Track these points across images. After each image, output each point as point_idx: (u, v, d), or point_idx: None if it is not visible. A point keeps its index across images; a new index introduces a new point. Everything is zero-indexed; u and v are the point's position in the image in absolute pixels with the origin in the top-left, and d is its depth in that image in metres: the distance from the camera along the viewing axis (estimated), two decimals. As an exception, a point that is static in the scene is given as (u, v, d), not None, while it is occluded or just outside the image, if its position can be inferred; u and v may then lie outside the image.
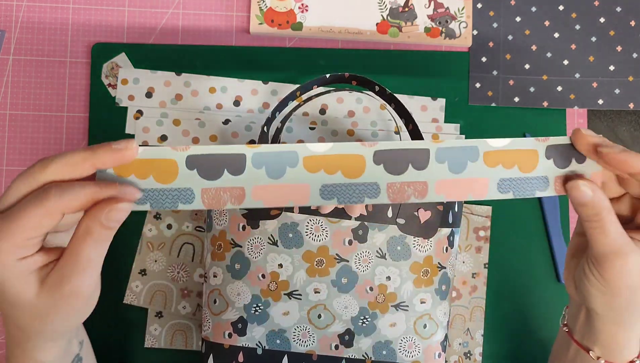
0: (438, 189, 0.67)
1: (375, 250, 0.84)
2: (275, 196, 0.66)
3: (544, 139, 0.69)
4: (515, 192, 0.69)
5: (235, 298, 0.85)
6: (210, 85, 1.03)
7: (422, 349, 0.87)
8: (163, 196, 0.66)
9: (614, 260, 0.69)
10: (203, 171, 0.66)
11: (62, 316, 0.66)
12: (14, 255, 0.62)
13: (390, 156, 0.66)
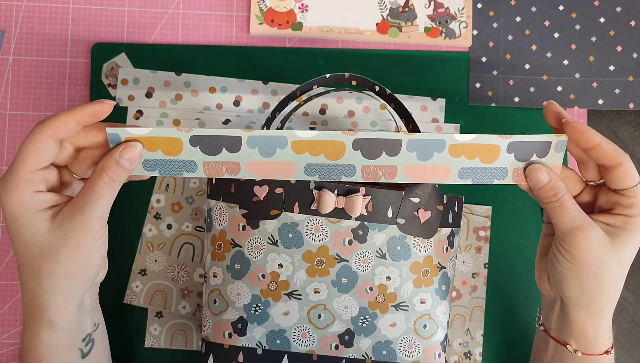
0: (405, 172, 0.76)
1: (375, 250, 0.84)
2: (266, 170, 0.75)
3: (507, 136, 0.75)
4: (474, 179, 0.78)
5: (235, 298, 0.85)
6: (210, 85, 1.03)
7: (422, 349, 0.87)
8: (170, 165, 0.75)
9: (578, 234, 0.76)
10: (205, 148, 0.74)
11: (72, 253, 0.72)
12: (27, 188, 0.70)
13: (367, 143, 0.74)
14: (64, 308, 0.75)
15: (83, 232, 0.71)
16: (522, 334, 1.03)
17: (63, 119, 0.71)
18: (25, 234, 0.72)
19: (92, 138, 0.74)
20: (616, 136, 1.09)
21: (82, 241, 0.72)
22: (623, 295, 1.07)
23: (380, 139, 0.74)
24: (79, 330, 0.79)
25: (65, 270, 0.73)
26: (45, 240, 0.72)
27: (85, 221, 0.71)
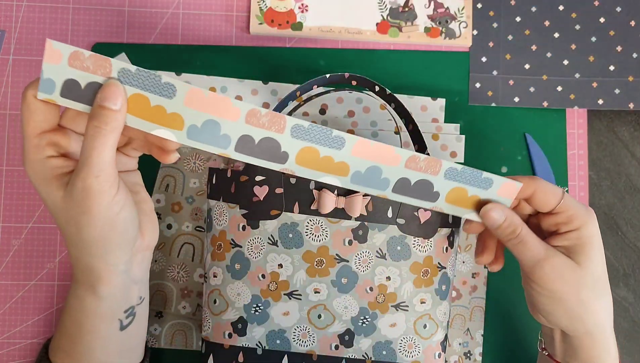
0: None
1: (375, 250, 0.84)
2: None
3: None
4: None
5: (235, 298, 0.85)
6: (210, 85, 1.03)
7: (422, 349, 0.87)
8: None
9: (544, 265, 0.77)
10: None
11: (89, 219, 0.69)
12: (37, 154, 0.69)
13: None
14: (107, 276, 0.74)
15: (88, 195, 0.68)
16: (522, 334, 1.03)
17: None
18: (47, 203, 0.71)
19: None
20: (616, 136, 1.09)
21: (93, 204, 0.68)
22: (623, 295, 1.07)
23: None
24: (124, 301, 0.78)
25: (92, 237, 0.71)
26: (62, 208, 0.70)
27: (85, 183, 0.68)
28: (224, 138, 0.71)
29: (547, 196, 0.79)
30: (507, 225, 0.78)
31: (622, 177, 1.08)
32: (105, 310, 0.77)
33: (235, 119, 0.71)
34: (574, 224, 0.79)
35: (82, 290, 0.76)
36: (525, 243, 0.78)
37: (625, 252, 1.08)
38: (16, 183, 1.01)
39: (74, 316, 0.77)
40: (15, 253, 1.00)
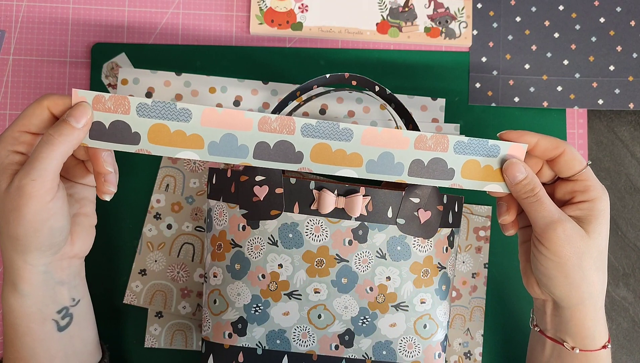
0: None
1: (375, 250, 0.84)
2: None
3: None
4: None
5: (235, 298, 0.85)
6: (210, 85, 1.03)
7: (422, 349, 0.87)
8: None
9: (556, 228, 0.78)
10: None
11: (16, 216, 0.72)
12: (8, 144, 0.74)
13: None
14: (26, 273, 0.76)
15: (23, 196, 0.71)
16: (522, 334, 1.03)
17: (62, 100, 0.74)
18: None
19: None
20: (616, 136, 1.09)
21: (23, 204, 0.71)
22: (623, 295, 1.07)
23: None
24: (51, 301, 0.80)
25: (15, 233, 0.73)
26: (2, 198, 0.73)
27: (21, 183, 0.71)
28: (242, 148, 0.78)
29: (574, 161, 0.81)
30: (527, 182, 0.80)
31: (622, 177, 1.08)
32: (31, 309, 0.78)
33: (249, 129, 0.78)
34: (590, 195, 0.80)
35: (7, 290, 0.78)
36: (542, 202, 0.79)
37: (625, 252, 1.08)
38: (16, 183, 1.01)
39: (7, 319, 0.79)
40: (15, 253, 1.00)
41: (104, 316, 0.99)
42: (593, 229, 0.79)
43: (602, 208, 0.80)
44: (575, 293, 0.81)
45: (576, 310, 0.83)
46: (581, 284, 0.80)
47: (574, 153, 0.81)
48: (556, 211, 0.79)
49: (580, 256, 0.79)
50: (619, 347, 1.07)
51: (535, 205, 0.80)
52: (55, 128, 0.72)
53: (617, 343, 1.07)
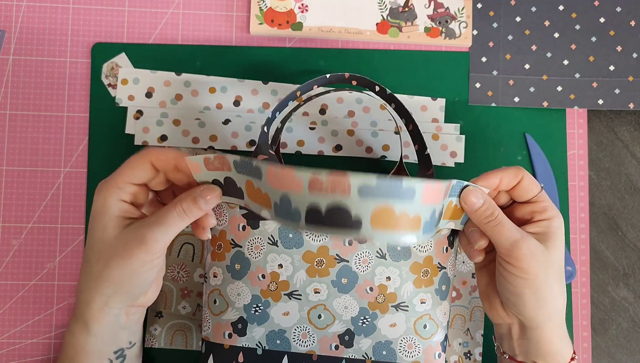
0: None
1: (376, 251, 0.84)
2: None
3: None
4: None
5: (235, 298, 0.85)
6: (210, 85, 1.03)
7: (422, 349, 0.87)
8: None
9: (521, 246, 0.80)
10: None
11: (122, 262, 0.77)
12: (114, 194, 0.79)
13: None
14: (100, 314, 0.80)
15: (139, 246, 0.76)
16: (522, 334, 1.03)
17: (166, 156, 0.80)
18: (97, 232, 0.79)
19: (180, 179, 0.82)
20: (616, 136, 1.09)
21: (135, 254, 0.76)
22: (623, 295, 1.07)
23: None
24: (112, 342, 0.83)
25: (111, 276, 0.78)
26: (109, 243, 0.78)
27: (144, 237, 0.77)
28: (295, 212, 0.70)
29: (532, 185, 0.84)
30: (486, 208, 0.82)
31: (622, 177, 1.08)
32: (95, 348, 0.81)
33: (300, 191, 0.69)
34: (548, 214, 0.83)
35: (76, 324, 0.81)
36: (503, 225, 0.81)
37: (625, 252, 1.08)
38: (16, 183, 1.01)
39: (67, 352, 0.82)
40: (15, 253, 1.00)
41: (104, 316, 0.99)
42: (552, 244, 0.82)
43: (557, 225, 0.83)
44: (543, 310, 0.82)
45: (543, 328, 0.84)
46: (549, 299, 0.82)
47: (530, 177, 0.84)
48: (517, 231, 0.81)
49: (545, 270, 0.80)
50: (619, 347, 1.07)
51: (498, 228, 0.81)
52: (186, 203, 0.79)
53: (617, 343, 1.07)
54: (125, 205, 0.80)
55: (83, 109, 1.03)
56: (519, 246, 0.80)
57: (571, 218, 1.06)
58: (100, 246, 0.78)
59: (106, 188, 0.79)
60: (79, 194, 1.02)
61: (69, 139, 1.02)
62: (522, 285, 0.81)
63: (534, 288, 0.81)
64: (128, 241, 0.77)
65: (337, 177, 0.66)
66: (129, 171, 0.79)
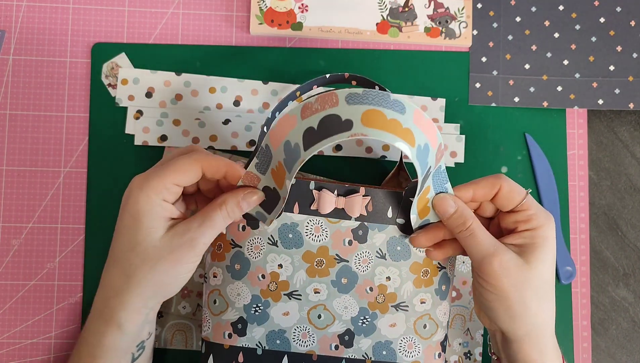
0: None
1: (375, 250, 0.84)
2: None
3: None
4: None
5: (235, 298, 0.85)
6: (210, 85, 1.03)
7: (422, 349, 0.87)
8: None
9: (492, 261, 0.77)
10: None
11: (170, 266, 0.78)
12: (160, 194, 0.77)
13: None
14: (136, 314, 0.80)
15: (188, 250, 0.77)
16: (522, 334, 1.03)
17: (217, 164, 0.79)
18: (139, 234, 0.78)
19: (210, 188, 0.84)
20: (616, 136, 1.09)
21: (184, 258, 0.78)
22: (623, 295, 1.07)
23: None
24: (137, 337, 0.84)
25: (157, 280, 0.78)
26: (153, 246, 0.77)
27: (194, 241, 0.77)
28: (295, 148, 0.74)
29: (512, 194, 0.81)
30: (458, 216, 0.80)
31: (622, 177, 1.08)
32: (124, 345, 0.82)
33: (295, 124, 0.74)
34: (532, 224, 0.80)
35: (104, 326, 0.81)
36: (475, 236, 0.79)
37: (625, 252, 1.08)
38: (16, 183, 1.01)
39: (93, 351, 0.82)
40: (15, 253, 1.00)
41: (104, 316, 0.99)
42: (535, 257, 0.79)
43: (544, 235, 0.80)
44: (519, 326, 0.81)
45: (522, 342, 0.82)
46: (524, 316, 0.80)
47: (511, 185, 0.81)
48: (491, 244, 0.79)
49: (519, 288, 0.78)
50: (619, 347, 1.07)
51: (469, 239, 0.80)
52: (230, 206, 0.79)
53: (617, 343, 1.07)
54: (169, 205, 0.79)
55: (83, 109, 1.03)
56: (488, 261, 0.78)
57: (571, 218, 1.06)
58: (146, 249, 0.78)
59: (151, 187, 0.77)
60: (79, 194, 1.02)
61: (69, 139, 1.02)
62: (492, 299, 0.80)
63: (505, 305, 0.79)
64: (176, 245, 0.77)
65: (325, 94, 0.72)
66: (178, 174, 0.78)
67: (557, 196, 1.05)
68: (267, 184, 0.80)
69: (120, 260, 0.79)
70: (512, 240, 0.81)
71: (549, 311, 0.82)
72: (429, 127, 0.75)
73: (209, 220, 0.78)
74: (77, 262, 1.01)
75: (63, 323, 1.00)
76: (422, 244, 0.84)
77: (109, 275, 0.81)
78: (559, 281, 1.04)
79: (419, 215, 0.83)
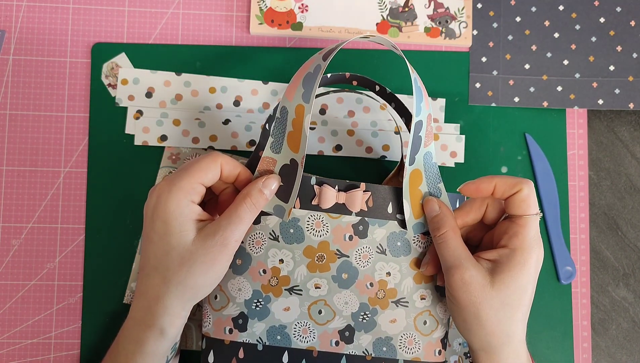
0: None
1: (376, 246, 0.84)
2: None
3: None
4: None
5: (236, 293, 0.85)
6: (210, 85, 1.03)
7: (422, 345, 0.87)
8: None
9: (455, 273, 0.78)
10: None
11: (206, 268, 0.78)
12: (188, 195, 0.78)
13: None
14: (177, 318, 0.81)
15: (222, 250, 0.78)
16: (522, 334, 1.03)
17: (235, 163, 0.82)
18: (172, 238, 0.78)
19: (220, 187, 0.85)
20: (616, 136, 1.09)
21: (219, 258, 0.78)
22: (623, 295, 1.07)
23: None
24: (174, 340, 0.84)
25: (194, 282, 0.78)
26: (187, 249, 0.78)
27: (226, 240, 0.78)
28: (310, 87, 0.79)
29: (523, 203, 0.80)
30: (437, 220, 0.82)
31: (622, 177, 1.08)
32: (164, 349, 0.83)
33: (314, 61, 0.81)
34: (513, 243, 0.79)
35: (146, 332, 0.81)
36: (446, 245, 0.80)
37: (625, 252, 1.08)
38: (16, 183, 1.01)
39: (132, 357, 0.82)
40: (15, 253, 1.00)
41: (104, 316, 0.99)
42: (501, 279, 0.78)
43: (520, 261, 0.78)
44: (473, 339, 0.81)
45: (480, 354, 0.82)
46: (479, 332, 0.79)
47: (530, 196, 0.80)
48: (459, 256, 0.79)
49: (476, 305, 0.78)
50: (619, 347, 1.07)
51: (441, 246, 0.80)
52: (254, 197, 0.80)
53: (617, 343, 1.07)
54: (196, 207, 0.80)
55: (83, 109, 1.03)
56: (451, 273, 0.78)
57: (571, 218, 1.06)
58: (180, 253, 0.78)
59: (179, 189, 0.78)
60: (79, 194, 1.02)
61: (69, 139, 1.02)
62: (452, 308, 0.81)
63: (462, 317, 0.80)
64: (209, 246, 0.77)
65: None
66: (201, 173, 0.79)
67: (557, 196, 1.05)
68: (284, 161, 0.82)
69: (156, 267, 0.79)
70: (487, 254, 0.80)
71: (506, 333, 0.80)
72: (423, 88, 0.83)
73: (236, 216, 0.78)
74: (77, 262, 1.01)
75: (63, 323, 1.00)
76: (432, 272, 0.85)
77: (147, 283, 0.81)
78: (559, 281, 1.04)
79: (414, 214, 0.84)
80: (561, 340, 1.03)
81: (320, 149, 1.03)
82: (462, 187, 0.83)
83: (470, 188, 0.82)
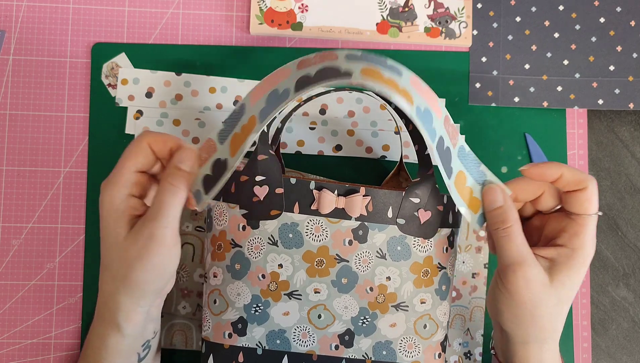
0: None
1: (376, 250, 0.84)
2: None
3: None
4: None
5: (236, 298, 0.85)
6: (210, 85, 1.03)
7: (422, 349, 0.87)
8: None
9: (517, 270, 0.75)
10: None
11: (145, 264, 0.75)
12: (123, 188, 0.76)
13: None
14: (133, 315, 0.79)
15: (154, 243, 0.75)
16: (522, 334, 1.03)
17: (164, 139, 0.78)
18: (109, 237, 0.77)
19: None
20: (616, 136, 1.09)
21: (152, 252, 0.75)
22: (623, 295, 1.07)
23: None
24: (141, 337, 0.83)
25: (139, 279, 0.76)
26: (122, 246, 0.76)
27: (155, 232, 0.75)
28: (284, 92, 0.74)
29: (587, 203, 0.77)
30: (501, 212, 0.78)
31: (622, 177, 1.08)
32: (127, 347, 0.82)
33: (288, 74, 0.75)
34: (574, 243, 0.78)
35: (106, 328, 0.81)
36: (511, 239, 0.77)
37: (625, 252, 1.08)
38: (16, 183, 1.01)
39: (98, 353, 0.82)
40: (15, 253, 1.00)
41: (104, 316, 0.99)
42: (559, 279, 0.77)
43: (580, 261, 0.77)
44: (521, 332, 0.80)
45: (520, 347, 0.82)
46: (529, 327, 0.79)
47: (595, 196, 0.77)
48: (523, 253, 0.77)
49: (535, 304, 0.77)
50: (619, 347, 1.07)
51: (504, 240, 0.77)
52: (172, 176, 0.76)
53: (617, 343, 1.07)
54: (132, 200, 0.77)
55: (83, 109, 1.03)
56: (513, 269, 0.76)
57: (571, 218, 1.06)
58: (118, 250, 0.76)
59: (111, 185, 0.76)
60: (79, 194, 1.02)
61: (69, 139, 1.02)
62: (505, 303, 0.79)
63: (514, 313, 0.79)
64: (140, 243, 0.75)
65: (324, 52, 0.74)
66: (129, 161, 0.77)
67: (557, 197, 1.05)
68: (220, 156, 0.79)
69: (106, 264, 0.79)
70: (545, 252, 0.78)
71: (555, 328, 0.80)
72: (428, 93, 0.77)
73: (159, 204, 0.76)
74: (77, 262, 1.01)
75: (63, 323, 1.01)
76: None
77: (102, 279, 0.80)
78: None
79: (471, 209, 0.81)
80: (561, 340, 1.03)
81: (320, 149, 1.03)
82: (526, 168, 0.78)
83: (535, 171, 0.78)
